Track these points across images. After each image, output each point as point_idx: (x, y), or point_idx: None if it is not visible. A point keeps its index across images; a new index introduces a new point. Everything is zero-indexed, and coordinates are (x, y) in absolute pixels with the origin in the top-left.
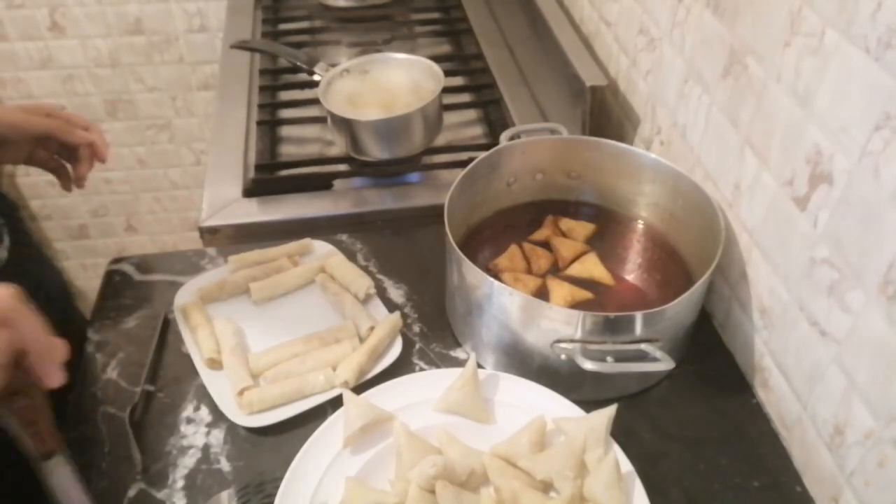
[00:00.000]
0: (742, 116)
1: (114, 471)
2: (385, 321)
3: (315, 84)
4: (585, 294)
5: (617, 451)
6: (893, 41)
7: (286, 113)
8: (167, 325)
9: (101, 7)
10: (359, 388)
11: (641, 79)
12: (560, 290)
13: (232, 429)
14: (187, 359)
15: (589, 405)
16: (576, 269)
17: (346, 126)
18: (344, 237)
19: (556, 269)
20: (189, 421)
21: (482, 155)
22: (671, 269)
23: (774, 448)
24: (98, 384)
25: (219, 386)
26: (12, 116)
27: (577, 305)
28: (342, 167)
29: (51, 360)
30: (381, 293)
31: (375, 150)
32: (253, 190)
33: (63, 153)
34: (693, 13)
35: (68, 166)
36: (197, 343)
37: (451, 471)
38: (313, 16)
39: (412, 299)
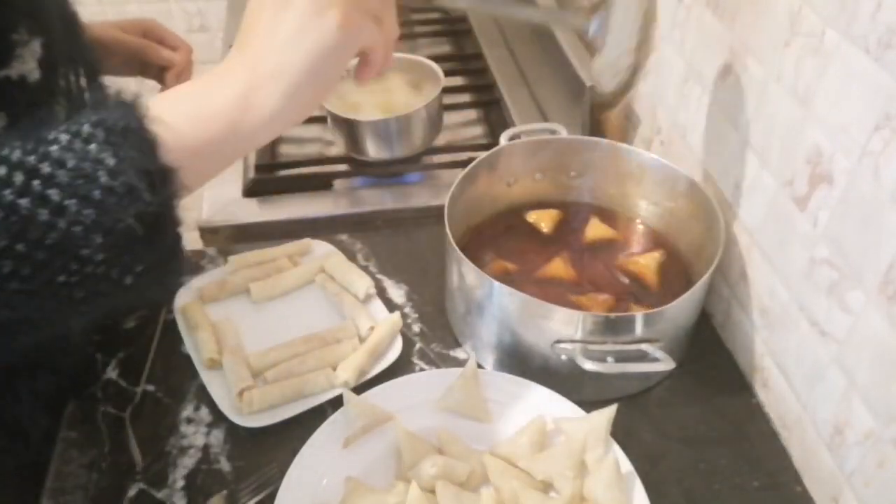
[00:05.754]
0: (742, 116)
1: (114, 471)
2: (385, 321)
3: None
4: None
5: (617, 451)
6: (893, 41)
7: None
8: (167, 325)
9: (102, 7)
10: (359, 388)
11: (641, 79)
12: None
13: (232, 429)
14: (187, 359)
15: (589, 405)
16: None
17: (346, 126)
18: (344, 237)
19: None
20: (189, 421)
21: (482, 155)
22: (671, 269)
23: (774, 448)
24: (98, 384)
25: (219, 386)
26: (107, 33)
27: None
28: (342, 167)
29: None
30: (381, 293)
31: (375, 150)
32: (253, 190)
33: (159, 73)
34: (693, 13)
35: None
36: (197, 343)
37: (451, 471)
38: None
39: (412, 299)
